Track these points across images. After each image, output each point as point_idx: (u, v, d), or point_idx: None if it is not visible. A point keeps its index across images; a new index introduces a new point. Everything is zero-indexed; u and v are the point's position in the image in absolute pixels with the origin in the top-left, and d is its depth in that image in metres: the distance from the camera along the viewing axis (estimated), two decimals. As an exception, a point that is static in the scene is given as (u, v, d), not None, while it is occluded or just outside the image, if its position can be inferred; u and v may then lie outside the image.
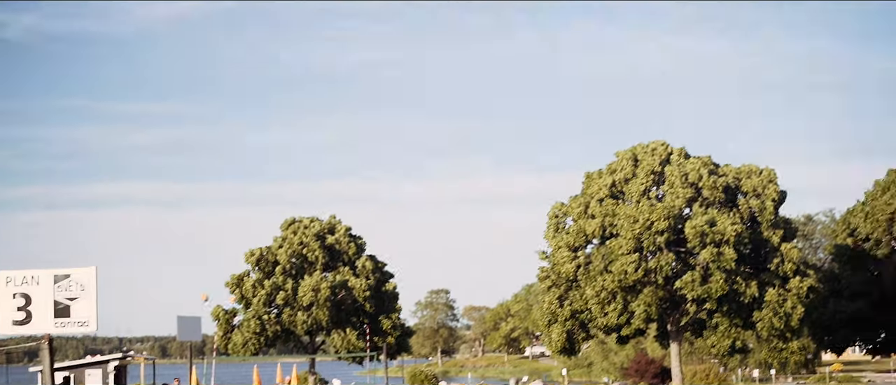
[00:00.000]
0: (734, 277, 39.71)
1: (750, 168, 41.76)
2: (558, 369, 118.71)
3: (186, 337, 30.67)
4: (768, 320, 40.61)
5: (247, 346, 58.47)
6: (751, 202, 41.26)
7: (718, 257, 38.86)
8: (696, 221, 39.21)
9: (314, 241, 59.84)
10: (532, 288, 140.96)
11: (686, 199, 40.33)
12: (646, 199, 40.45)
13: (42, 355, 10.94)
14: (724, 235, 38.98)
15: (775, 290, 40.51)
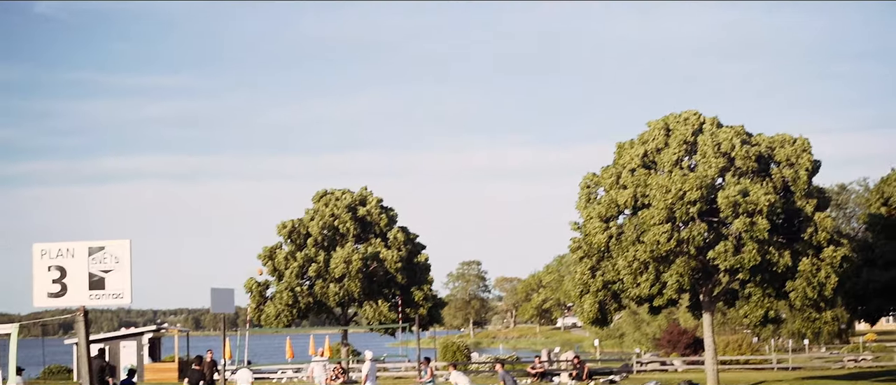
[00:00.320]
0: (767, 247, 39.51)
1: (783, 137, 41.48)
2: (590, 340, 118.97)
3: (219, 309, 30.86)
4: (802, 290, 40.42)
5: (279, 318, 58.73)
6: (784, 171, 40.99)
7: (751, 227, 38.66)
8: (728, 191, 38.99)
9: (346, 213, 59.98)
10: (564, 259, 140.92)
11: (719, 168, 40.10)
12: (678, 169, 40.24)
13: (77, 327, 11.00)
14: (757, 205, 38.76)
15: (809, 259, 40.29)
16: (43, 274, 11.05)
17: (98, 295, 10.89)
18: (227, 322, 33.42)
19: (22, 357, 12.32)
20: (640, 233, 39.92)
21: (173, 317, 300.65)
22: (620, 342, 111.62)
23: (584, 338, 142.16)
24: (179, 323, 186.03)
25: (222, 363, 35.68)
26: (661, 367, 57.88)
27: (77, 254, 11.00)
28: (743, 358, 61.66)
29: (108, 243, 10.97)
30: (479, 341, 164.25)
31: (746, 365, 59.30)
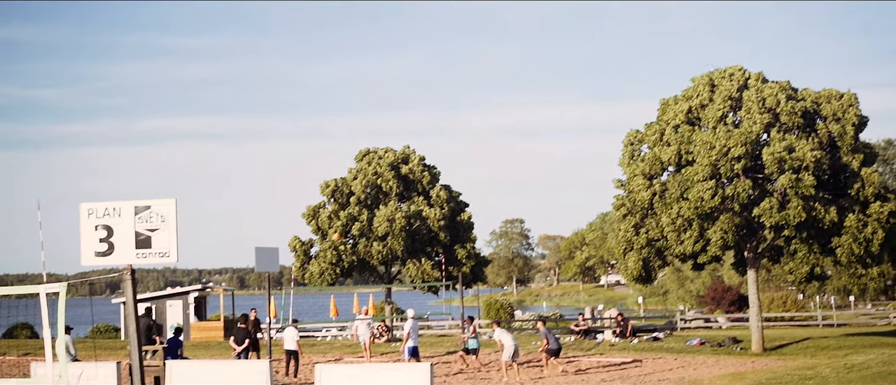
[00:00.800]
0: (813, 203, 39.18)
1: (829, 92, 40.99)
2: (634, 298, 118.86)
3: (264, 268, 31.02)
4: (848, 246, 40.08)
5: (323, 277, 59.03)
6: (830, 127, 40.55)
7: (797, 183, 38.33)
8: (774, 147, 38.65)
9: (388, 172, 60.07)
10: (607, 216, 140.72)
11: (764, 124, 39.72)
12: (722, 126, 39.90)
13: (124, 286, 11.07)
14: (803, 161, 38.41)
15: (855, 215, 39.91)
16: (90, 233, 11.12)
17: (144, 254, 10.96)
18: (271, 281, 33.59)
19: (70, 316, 12.43)
20: (684, 190, 39.70)
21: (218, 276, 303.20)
22: (664, 299, 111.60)
23: (627, 295, 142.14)
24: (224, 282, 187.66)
25: (267, 322, 35.92)
26: (706, 325, 57.77)
27: (123, 213, 11.06)
28: (788, 315, 61.41)
29: (154, 202, 11.02)
30: (523, 299, 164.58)
31: (791, 322, 59.05)
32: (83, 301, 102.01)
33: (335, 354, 41.74)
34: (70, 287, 11.32)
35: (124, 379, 28.54)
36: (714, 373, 33.08)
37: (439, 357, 39.98)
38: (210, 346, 46.55)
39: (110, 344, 48.48)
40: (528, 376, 34.05)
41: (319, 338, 55.37)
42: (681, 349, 41.62)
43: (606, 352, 41.46)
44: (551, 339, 35.23)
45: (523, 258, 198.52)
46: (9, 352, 45.17)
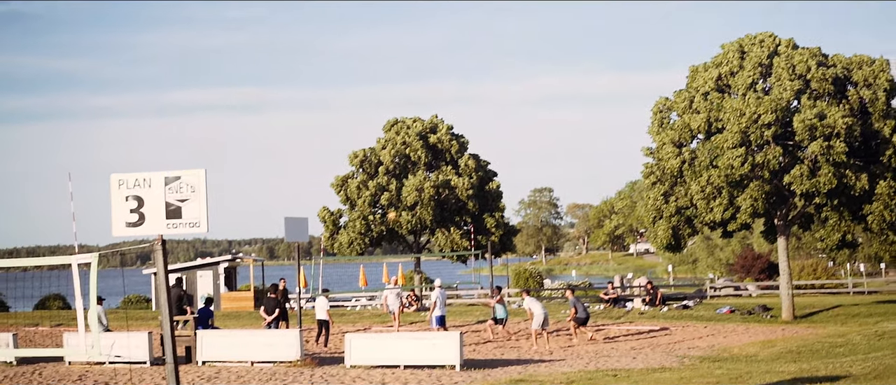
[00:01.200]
0: (844, 170, 38.93)
1: (861, 58, 40.63)
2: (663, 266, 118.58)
3: (293, 238, 31.07)
4: (879, 213, 39.84)
5: (352, 247, 59.15)
6: (862, 93, 40.21)
7: (828, 150, 38.08)
8: (804, 114, 38.38)
9: (417, 141, 60.04)
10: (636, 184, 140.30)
11: (794, 91, 39.42)
12: (752, 93, 39.64)
13: (155, 256, 11.11)
14: (834, 128, 38.14)
15: (886, 182, 39.64)
16: (121, 204, 11.15)
17: (175, 224, 10.98)
18: (300, 251, 33.66)
19: (101, 287, 12.49)
20: (714, 157, 39.51)
21: (248, 247, 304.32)
22: (693, 268, 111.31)
23: (656, 264, 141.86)
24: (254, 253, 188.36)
25: (296, 292, 36.02)
26: (735, 293, 57.57)
27: (154, 184, 11.08)
28: (818, 282, 61.12)
29: (184, 173, 11.05)
30: (552, 268, 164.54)
31: (822, 289, 58.78)
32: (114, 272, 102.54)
33: (364, 324, 41.88)
34: (101, 258, 11.36)
35: (156, 349, 28.73)
36: (744, 341, 33.01)
37: (469, 326, 40.05)
38: (240, 316, 46.77)
39: (142, 314, 48.79)
40: (556, 344, 34.09)
41: (349, 307, 55.54)
42: (710, 317, 41.53)
43: (636, 320, 41.42)
44: (580, 308, 35.25)
45: (552, 227, 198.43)
46: (41, 322, 45.54)
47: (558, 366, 25.51)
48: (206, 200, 11.01)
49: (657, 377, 19.62)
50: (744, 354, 27.78)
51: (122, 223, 11.15)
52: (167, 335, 11.14)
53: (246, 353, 27.43)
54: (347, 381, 22.64)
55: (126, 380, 23.88)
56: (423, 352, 25.46)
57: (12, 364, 29.13)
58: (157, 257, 11.06)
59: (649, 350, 31.34)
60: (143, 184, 11.11)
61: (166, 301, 11.17)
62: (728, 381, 18.03)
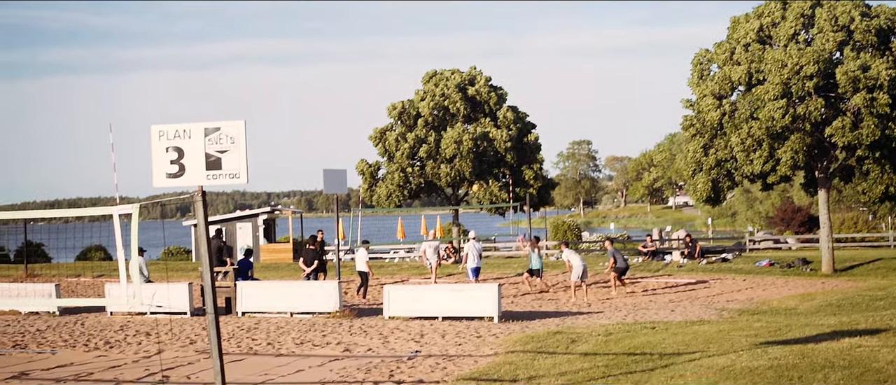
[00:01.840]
0: (887, 123, 38.54)
1: (905, 9, 40.14)
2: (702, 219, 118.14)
3: (332, 190, 31.13)
4: (922, 166, 39.52)
5: (391, 199, 59.29)
6: (905, 44, 39.74)
7: (871, 102, 37.68)
8: (847, 66, 37.96)
9: (455, 93, 59.95)
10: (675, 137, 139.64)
11: (837, 42, 38.97)
12: (794, 44, 39.23)
13: (196, 207, 11.15)
14: (878, 80, 37.71)
15: (930, 134, 39.26)
16: (161, 155, 11.18)
17: (215, 175, 11.01)
18: (339, 203, 33.75)
19: (142, 239, 12.57)
20: (755, 109, 39.21)
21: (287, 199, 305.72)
22: (733, 221, 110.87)
23: (695, 217, 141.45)
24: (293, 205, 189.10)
25: (335, 243, 36.15)
26: (775, 246, 57.29)
27: (194, 135, 11.11)
28: (859, 235, 60.73)
29: (224, 124, 11.06)
30: (590, 221, 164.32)
31: (862, 243, 58.40)
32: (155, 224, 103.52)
33: (402, 276, 42.01)
34: (142, 209, 11.42)
35: (196, 300, 28.96)
36: (783, 293, 32.87)
37: (507, 278, 40.09)
38: (279, 267, 47.02)
39: (182, 265, 49.16)
40: (595, 297, 34.07)
41: (387, 259, 55.72)
42: (750, 270, 41.37)
43: (674, 273, 41.33)
44: (619, 258, 35.23)
45: (590, 180, 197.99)
46: (83, 273, 45.98)
47: (596, 318, 25.51)
48: (246, 151, 11.03)
49: (696, 330, 19.58)
50: (783, 307, 27.67)
51: (163, 174, 11.18)
52: (207, 286, 11.20)
53: (285, 305, 27.59)
54: (386, 332, 22.74)
55: (167, 330, 24.09)
56: (462, 304, 25.53)
57: (55, 314, 29.46)
58: (198, 208, 11.10)
59: (688, 303, 31.27)
60: (184, 135, 11.14)
61: (207, 252, 11.22)
62: (767, 333, 17.97)
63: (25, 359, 19.60)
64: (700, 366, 13.94)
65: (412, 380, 15.55)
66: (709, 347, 16.30)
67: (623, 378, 13.63)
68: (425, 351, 19.17)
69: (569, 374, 14.65)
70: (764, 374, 12.61)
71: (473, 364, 17.00)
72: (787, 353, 14.30)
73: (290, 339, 21.65)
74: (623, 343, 18.09)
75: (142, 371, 17.50)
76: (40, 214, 21.73)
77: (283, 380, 16.11)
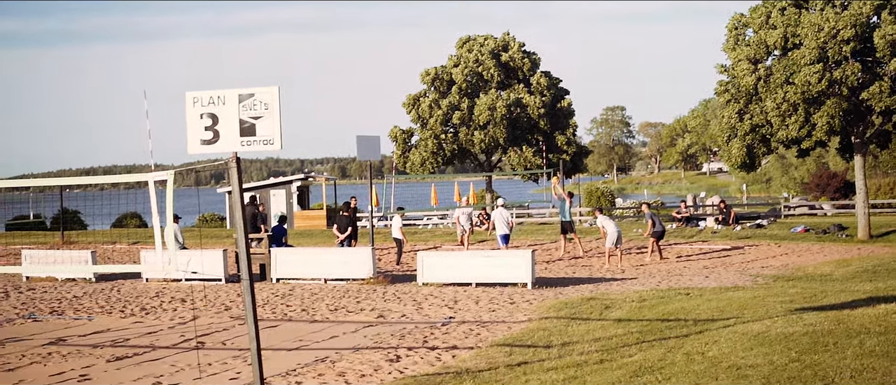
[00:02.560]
0: (924, 87, 38.17)
1: (944, -29, 39.61)
2: (736, 185, 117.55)
3: (366, 156, 31.16)
4: (960, 132, 39.12)
5: (424, 166, 59.29)
6: (945, 8, 39.24)
7: (909, 67, 37.33)
8: (885, 29, 37.54)
9: (489, 59, 59.79)
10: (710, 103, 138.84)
11: (874, 6, 38.54)
12: (831, 7, 38.83)
13: (230, 173, 11.18)
14: (916, 43, 37.32)
15: (968, 100, 38.82)
16: (195, 121, 11.21)
17: (249, 141, 11.02)
18: (372, 170, 33.79)
19: (177, 206, 12.63)
20: (790, 74, 38.88)
21: (320, 166, 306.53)
22: (767, 187, 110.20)
23: (729, 183, 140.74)
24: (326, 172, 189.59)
25: (368, 210, 36.22)
26: (810, 212, 56.97)
27: (228, 101, 11.12)
28: (895, 201, 60.29)
29: (257, 90, 11.07)
30: (623, 187, 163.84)
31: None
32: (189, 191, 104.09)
33: (435, 242, 42.07)
34: (176, 177, 11.46)
35: (230, 266, 29.11)
36: (818, 260, 32.71)
37: (540, 245, 40.08)
38: (313, 234, 47.19)
39: (216, 232, 49.43)
40: (629, 263, 34.02)
41: (420, 226, 55.79)
42: (785, 236, 41.17)
43: (708, 239, 41.19)
44: (656, 221, 35.18)
45: (624, 146, 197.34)
46: (119, 240, 46.31)
47: (630, 284, 25.48)
48: (280, 118, 11.04)
49: (730, 296, 19.51)
50: (818, 274, 27.54)
51: (198, 141, 11.21)
52: (242, 253, 11.24)
53: (319, 271, 27.70)
54: (419, 298, 22.80)
55: (202, 296, 24.24)
56: (495, 270, 25.55)
57: (91, 281, 29.71)
58: (232, 175, 11.13)
59: (722, 269, 31.17)
60: (218, 101, 11.16)
61: (241, 218, 11.25)
62: (802, 300, 17.89)
63: (62, 325, 19.78)
64: (734, 332, 13.90)
65: (446, 346, 15.58)
66: (743, 313, 16.24)
67: (657, 344, 13.61)
68: (459, 317, 19.20)
69: (602, 340, 14.65)
70: (799, 340, 12.57)
71: (507, 330, 17.02)
72: (822, 320, 14.24)
73: (324, 306, 21.74)
74: (657, 309, 18.06)
75: (177, 337, 17.63)
76: (76, 181, 21.84)
77: (318, 346, 16.19)
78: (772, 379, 10.27)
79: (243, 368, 14.01)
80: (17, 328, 19.41)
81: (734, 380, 10.40)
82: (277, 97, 11.00)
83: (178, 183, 11.68)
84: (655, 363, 11.94)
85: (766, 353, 11.85)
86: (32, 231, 56.38)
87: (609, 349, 13.60)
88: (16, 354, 15.96)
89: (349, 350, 15.46)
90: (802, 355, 11.49)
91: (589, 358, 12.89)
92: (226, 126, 11.10)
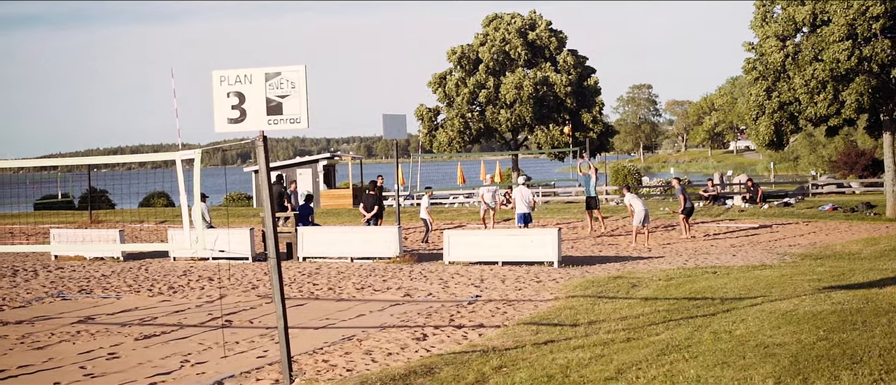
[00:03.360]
0: (954, 64, 37.85)
1: (976, -54, 39.22)
2: (764, 163, 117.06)
3: (392, 135, 31.14)
4: None
5: (452, 145, 59.27)
6: (976, -17, 38.87)
7: (938, 44, 37.02)
8: (914, 6, 37.28)
9: (516, 38, 59.65)
10: (737, 80, 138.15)
11: (904, -18, 38.27)
12: (860, -16, 38.55)
13: (257, 152, 11.21)
14: (945, 20, 37.01)
15: None
16: (222, 100, 11.23)
17: (275, 120, 11.04)
18: (398, 148, 33.79)
19: (204, 185, 12.67)
20: (819, 51, 38.61)
21: (346, 145, 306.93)
22: (795, 165, 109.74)
23: (756, 161, 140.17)
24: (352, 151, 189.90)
25: (395, 189, 36.24)
26: (838, 190, 56.67)
27: (254, 80, 11.13)
28: (925, 179, 59.87)
29: (284, 68, 11.07)
30: (650, 166, 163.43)
31: (928, 186, 57.58)
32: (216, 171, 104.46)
33: (461, 221, 42.07)
34: (203, 156, 11.48)
35: (257, 245, 29.20)
36: (846, 238, 32.54)
37: (566, 223, 40.02)
38: (339, 213, 47.26)
39: (243, 211, 49.56)
40: (655, 242, 33.93)
41: (447, 205, 55.80)
42: (812, 215, 40.96)
43: (736, 218, 41.02)
44: (687, 197, 35.11)
45: (650, 124, 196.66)
46: (146, 219, 46.50)
47: (657, 262, 25.42)
48: (307, 96, 11.04)
49: (757, 274, 19.45)
50: (846, 252, 27.41)
51: (225, 119, 11.23)
52: (269, 231, 11.26)
53: (346, 250, 27.76)
54: (446, 277, 22.81)
55: (229, 275, 24.33)
56: (522, 249, 25.53)
57: (119, 259, 29.86)
58: (259, 153, 11.15)
59: (749, 247, 31.06)
60: (244, 80, 11.17)
61: (269, 197, 11.28)
62: (830, 278, 17.81)
63: (91, 303, 19.89)
64: (762, 310, 13.85)
65: (473, 324, 15.59)
66: (771, 292, 16.18)
67: (684, 323, 13.58)
68: (485, 295, 19.21)
69: (629, 318, 14.63)
70: (827, 318, 12.51)
71: (534, 308, 17.01)
72: (850, 298, 14.17)
73: (351, 284, 21.79)
74: (684, 287, 18.01)
75: (205, 315, 17.70)
76: (104, 160, 21.93)
77: (345, 324, 16.23)
78: (800, 357, 10.24)
79: (270, 346, 14.07)
80: (46, 307, 19.54)
81: (762, 358, 10.37)
82: (304, 76, 11.00)
83: (204, 162, 11.71)
84: (682, 342, 11.91)
85: (793, 331, 11.81)
86: (61, 210, 56.71)
87: (636, 328, 13.58)
88: (45, 333, 16.07)
89: (376, 328, 15.50)
90: (830, 334, 11.44)
91: (616, 336, 12.88)
92: (252, 105, 11.11)
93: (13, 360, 13.66)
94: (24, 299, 20.70)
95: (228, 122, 11.21)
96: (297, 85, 10.99)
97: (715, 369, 10.03)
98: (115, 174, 64.08)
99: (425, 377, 10.90)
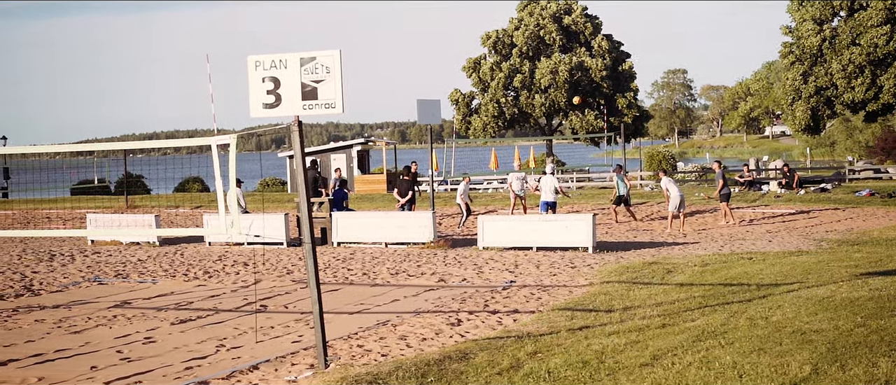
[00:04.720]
0: None
1: None
2: (800, 149, 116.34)
3: (426, 120, 31.08)
4: None
5: (485, 130, 59.20)
6: None
7: (977, 27, 36.63)
8: (953, -10, 36.92)
9: (551, 23, 59.46)
10: (773, 65, 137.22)
11: (943, -34, 37.91)
12: (898, -32, 38.22)
13: (292, 137, 11.21)
14: (985, 4, 36.61)
15: None
16: (258, 85, 11.24)
17: (310, 105, 11.04)
18: (432, 134, 33.75)
19: (239, 170, 12.69)
20: (857, 35, 38.32)
21: (380, 130, 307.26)
22: (831, 151, 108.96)
23: (792, 147, 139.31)
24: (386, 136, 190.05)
25: (429, 174, 36.22)
26: (875, 175, 56.19)
27: (289, 65, 11.14)
28: (963, 165, 59.36)
29: (319, 53, 11.07)
30: (685, 151, 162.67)
31: (967, 172, 57.07)
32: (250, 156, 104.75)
33: (494, 207, 42.01)
34: (238, 141, 11.51)
35: (292, 230, 29.28)
36: (884, 224, 32.27)
37: (600, 209, 39.90)
38: (374, 198, 47.31)
39: (277, 196, 49.70)
40: (691, 228, 33.77)
41: (480, 190, 55.75)
42: (849, 200, 40.64)
43: (772, 203, 40.77)
44: (726, 183, 34.92)
45: (685, 109, 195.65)
46: (182, 204, 46.71)
47: (692, 248, 25.31)
48: (342, 81, 11.04)
49: (794, 260, 19.32)
50: (884, 238, 27.18)
51: (260, 104, 11.25)
52: (304, 216, 11.28)
53: (380, 235, 27.79)
54: (480, 262, 22.80)
55: (264, 260, 24.41)
56: (556, 234, 25.48)
57: (155, 244, 30.02)
58: (294, 139, 11.15)
59: (785, 233, 30.86)
60: (279, 65, 11.18)
61: (303, 182, 11.29)
62: (867, 264, 17.67)
63: (127, 288, 20.01)
64: (798, 296, 13.76)
65: (507, 309, 15.58)
66: (807, 278, 16.08)
67: (719, 309, 13.51)
68: (520, 281, 19.18)
69: (664, 304, 14.57)
70: (864, 304, 12.42)
71: (568, 294, 16.97)
72: (887, 284, 14.06)
73: (385, 270, 21.81)
74: (719, 273, 17.92)
75: (240, 300, 17.77)
76: (140, 145, 22.05)
77: (379, 309, 16.25)
78: (837, 344, 10.17)
79: (305, 331, 14.10)
80: (82, 291, 19.67)
81: (799, 345, 10.31)
82: (339, 61, 11.00)
83: (239, 147, 11.74)
84: (718, 328, 11.85)
85: (830, 318, 11.73)
86: (97, 195, 57.08)
87: (671, 313, 13.52)
88: (82, 317, 16.18)
89: (410, 314, 15.50)
90: (868, 320, 11.35)
91: (651, 322, 12.83)
92: (287, 90, 11.12)
93: (50, 344, 13.76)
94: (61, 284, 20.85)
95: (263, 108, 11.23)
96: (332, 70, 10.99)
97: (751, 355, 9.97)
98: (150, 159, 64.38)
99: (460, 362, 10.90)
